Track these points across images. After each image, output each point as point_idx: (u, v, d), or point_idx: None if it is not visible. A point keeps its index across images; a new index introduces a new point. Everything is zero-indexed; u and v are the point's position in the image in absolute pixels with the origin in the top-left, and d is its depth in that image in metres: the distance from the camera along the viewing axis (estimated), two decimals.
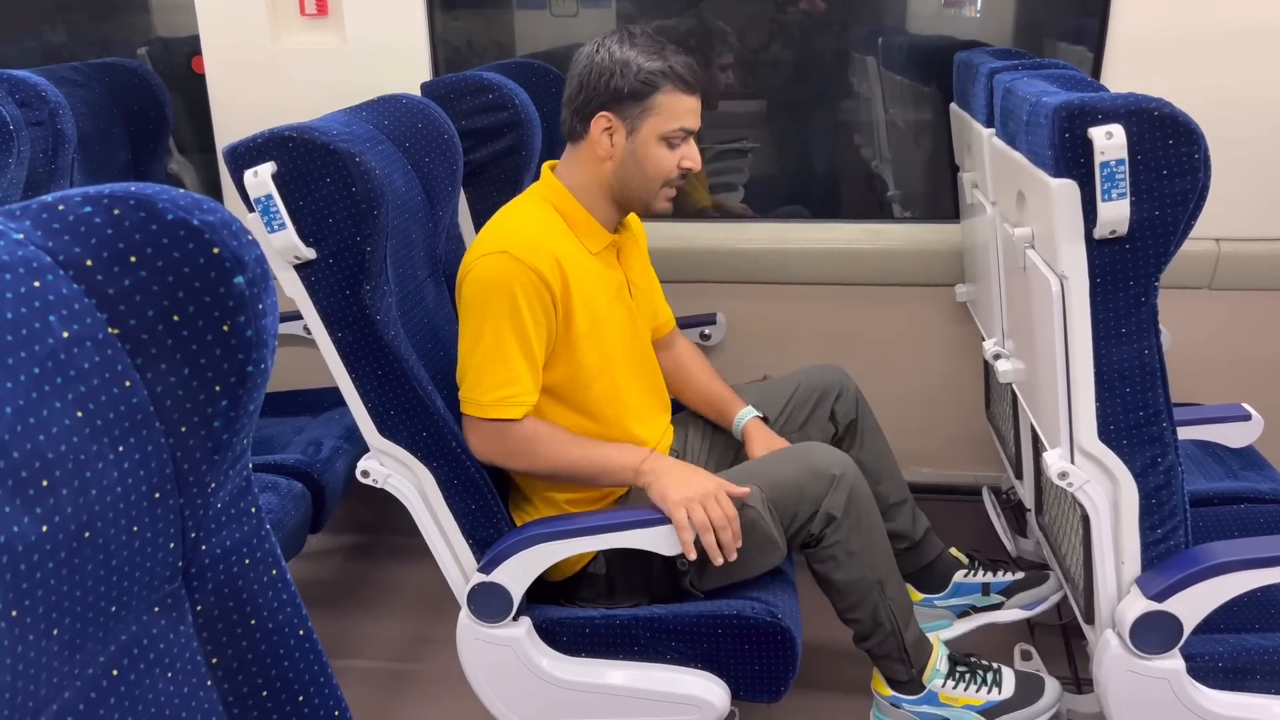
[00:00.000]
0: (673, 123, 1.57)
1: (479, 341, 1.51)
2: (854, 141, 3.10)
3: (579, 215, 1.62)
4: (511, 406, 1.52)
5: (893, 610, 1.62)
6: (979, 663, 1.73)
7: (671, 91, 1.55)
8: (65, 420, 0.66)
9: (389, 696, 2.10)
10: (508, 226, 1.56)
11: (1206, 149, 1.26)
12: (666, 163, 1.59)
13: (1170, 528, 1.42)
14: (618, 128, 1.57)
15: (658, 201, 1.63)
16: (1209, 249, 2.20)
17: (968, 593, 1.93)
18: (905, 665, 1.66)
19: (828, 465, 1.58)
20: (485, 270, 1.50)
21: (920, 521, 1.92)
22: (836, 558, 1.58)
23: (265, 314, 0.78)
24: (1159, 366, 1.36)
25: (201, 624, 0.81)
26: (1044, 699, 1.70)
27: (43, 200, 0.73)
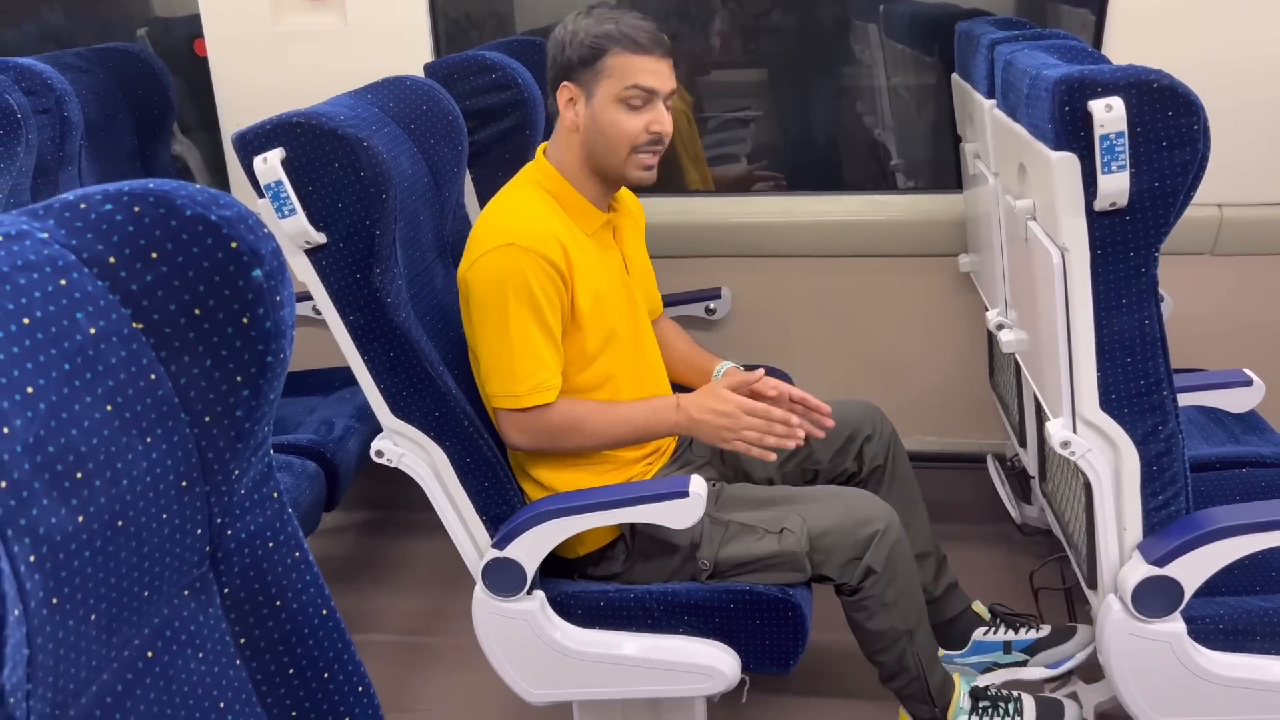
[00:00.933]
0: (625, 81, 1.55)
1: (505, 336, 1.52)
2: (856, 110, 3.10)
3: (570, 197, 1.63)
4: (545, 392, 1.55)
5: (919, 657, 1.66)
6: (1000, 693, 1.76)
7: (620, 53, 1.54)
8: (96, 414, 0.68)
9: (407, 669, 2.14)
10: (507, 217, 1.57)
11: (1206, 120, 1.27)
12: (628, 125, 1.56)
13: (1171, 494, 1.44)
14: (577, 96, 1.58)
15: (629, 169, 1.60)
16: (1211, 215, 2.21)
17: (988, 650, 1.91)
18: (929, 706, 1.70)
19: (871, 518, 1.59)
20: (495, 265, 1.51)
21: (944, 577, 1.90)
22: (870, 608, 1.61)
23: (283, 305, 0.80)
24: (1159, 336, 1.38)
25: (229, 605, 0.84)
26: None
27: (65, 199, 0.75)
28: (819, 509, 1.61)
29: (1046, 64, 1.40)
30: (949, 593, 1.90)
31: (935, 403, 2.47)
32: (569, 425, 1.57)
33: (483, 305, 1.54)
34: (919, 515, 1.88)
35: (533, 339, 1.53)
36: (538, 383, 1.54)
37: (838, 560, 1.59)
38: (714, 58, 2.83)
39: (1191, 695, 1.49)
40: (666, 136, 1.60)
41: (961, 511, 2.38)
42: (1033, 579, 2.10)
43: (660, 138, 1.59)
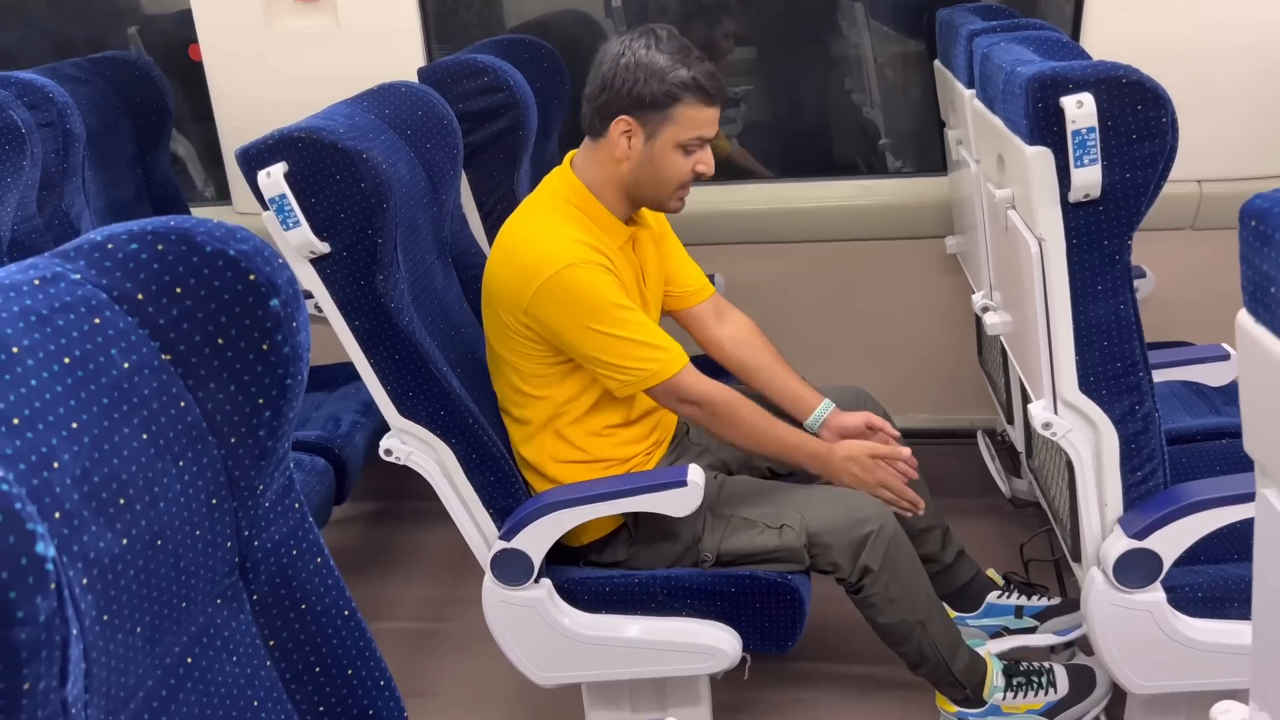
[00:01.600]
0: (691, 132, 1.60)
1: (610, 341, 1.58)
2: (845, 87, 3.14)
3: (599, 213, 1.67)
4: (676, 357, 1.61)
5: (937, 645, 1.72)
6: (1032, 667, 1.82)
7: (693, 103, 1.58)
8: (134, 443, 0.74)
9: (420, 655, 2.21)
10: (555, 241, 1.59)
11: (1174, 112, 1.32)
12: (682, 169, 1.63)
13: (1149, 470, 1.50)
14: (636, 131, 1.60)
15: (670, 203, 1.68)
16: (1191, 191, 2.26)
17: (1000, 614, 1.96)
18: (959, 688, 1.76)
19: (866, 518, 1.65)
20: (564, 290, 1.56)
21: (951, 545, 1.96)
22: (877, 605, 1.67)
23: (299, 330, 0.86)
24: (1134, 320, 1.43)
25: (258, 611, 0.90)
26: (1097, 690, 1.79)
27: (92, 240, 0.81)
28: (817, 508, 1.67)
29: (1021, 60, 1.45)
30: (958, 560, 1.97)
31: (926, 381, 2.53)
32: (727, 407, 1.64)
33: (570, 328, 1.58)
34: (921, 491, 1.92)
35: (635, 326, 1.59)
36: (664, 354, 1.60)
37: (835, 557, 1.65)
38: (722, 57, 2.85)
39: (1173, 661, 1.55)
40: (710, 175, 1.66)
41: (954, 486, 2.43)
42: (1023, 551, 2.17)
43: (704, 177, 1.65)
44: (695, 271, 1.93)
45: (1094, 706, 1.79)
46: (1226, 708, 0.95)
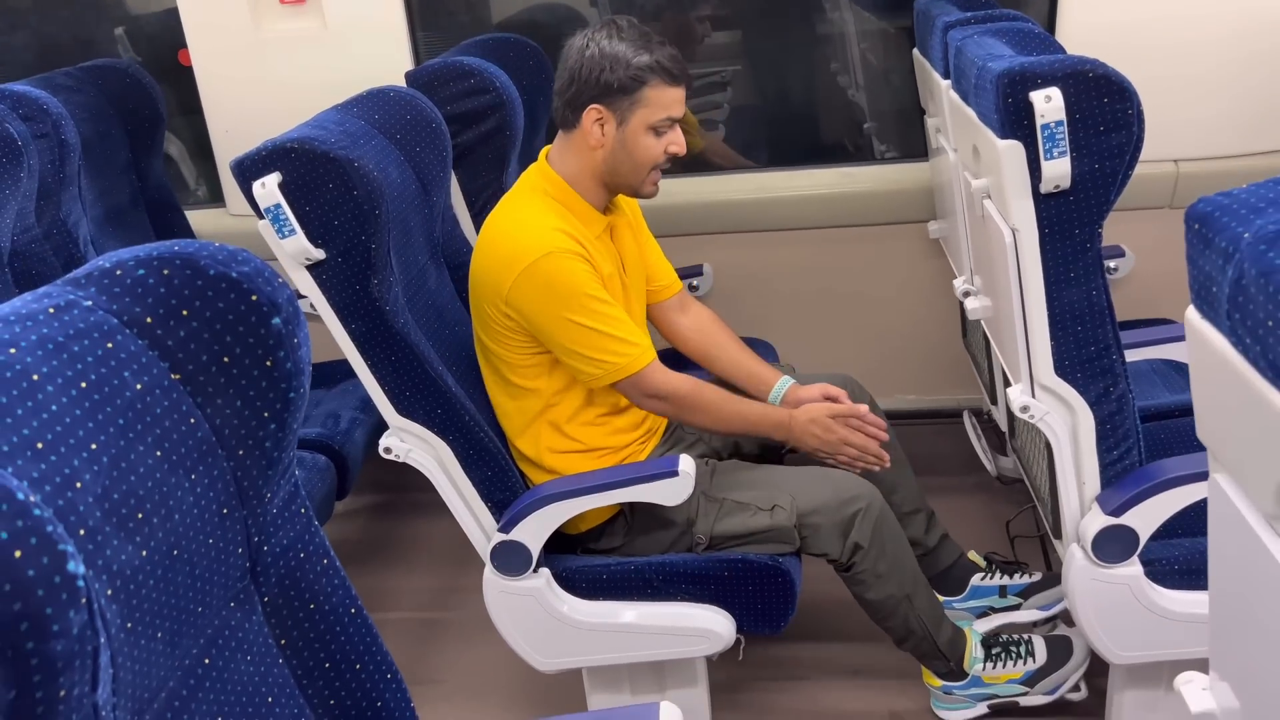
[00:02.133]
0: (660, 113, 1.66)
1: (581, 332, 1.63)
2: (830, 70, 3.16)
3: (576, 204, 1.72)
4: (644, 353, 1.67)
5: (922, 619, 1.78)
6: (1011, 639, 1.88)
7: (658, 85, 1.64)
8: (149, 460, 0.79)
9: (424, 645, 2.27)
10: (531, 230, 1.65)
11: (1139, 104, 1.36)
12: (654, 150, 1.68)
13: (1125, 449, 1.55)
14: (608, 119, 1.66)
15: (645, 185, 1.73)
16: (1168, 170, 2.30)
17: (985, 595, 2.02)
18: (943, 661, 1.83)
19: (855, 497, 1.71)
20: (540, 279, 1.61)
21: (935, 529, 2.01)
22: (866, 581, 1.73)
23: (300, 346, 0.90)
24: (1106, 305, 1.48)
25: (269, 612, 0.95)
26: (1075, 657, 1.86)
27: (101, 266, 0.85)
28: (807, 489, 1.72)
29: (992, 54, 1.49)
30: (942, 544, 2.02)
31: (913, 363, 2.58)
32: (691, 396, 1.70)
33: (544, 316, 1.63)
34: (906, 475, 1.99)
35: (606, 319, 1.64)
36: (632, 350, 1.66)
37: (825, 536, 1.70)
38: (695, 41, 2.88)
39: (1152, 632, 1.61)
40: (682, 155, 1.72)
41: (942, 465, 2.49)
42: (1009, 527, 2.22)
43: (676, 156, 1.71)
44: (667, 267, 2.00)
45: (1072, 673, 1.85)
46: (1189, 677, 1.00)
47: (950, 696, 1.86)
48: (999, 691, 1.85)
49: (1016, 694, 1.85)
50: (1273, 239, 0.69)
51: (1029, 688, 1.84)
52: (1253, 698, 0.89)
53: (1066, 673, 1.84)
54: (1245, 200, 0.76)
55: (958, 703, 1.87)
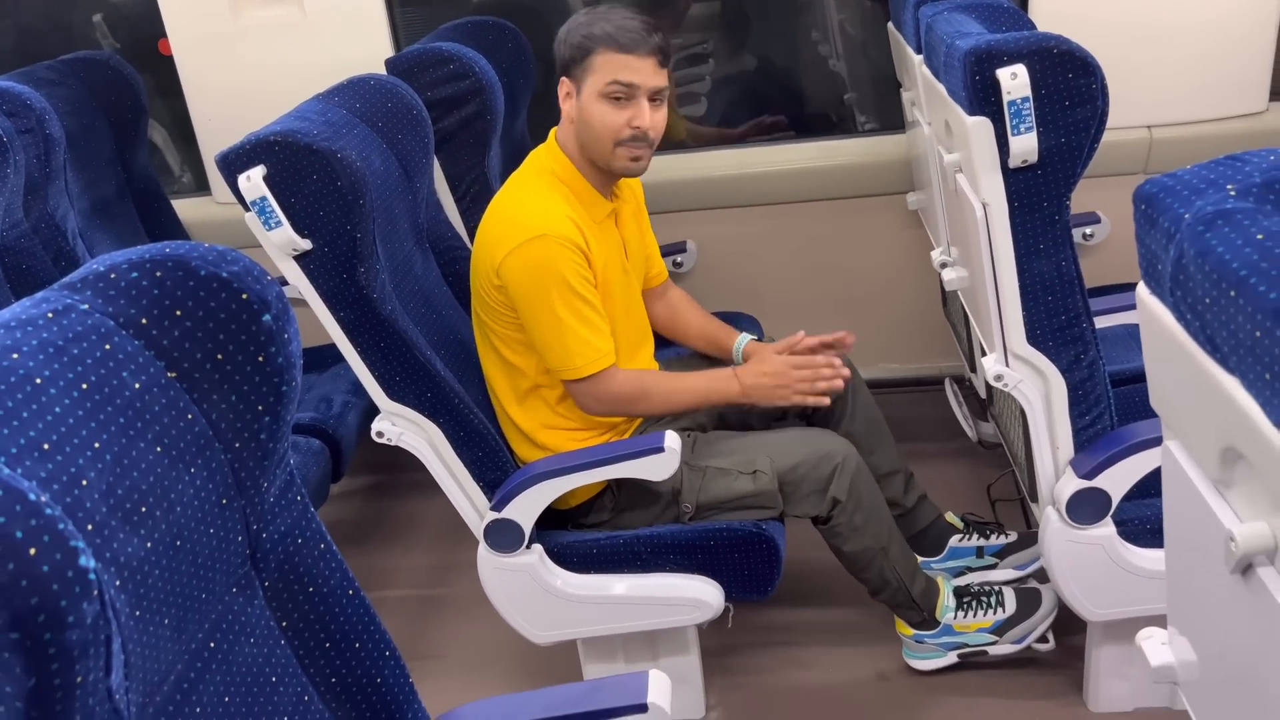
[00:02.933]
0: (606, 77, 1.66)
1: (554, 319, 1.66)
2: (811, 41, 3.18)
3: (580, 185, 1.76)
4: (601, 359, 1.70)
5: (897, 570, 1.84)
6: (982, 589, 1.94)
7: (605, 51, 1.66)
8: (149, 456, 0.82)
9: (422, 621, 2.32)
10: (532, 210, 1.69)
11: (1103, 78, 1.40)
12: (610, 119, 1.68)
13: (1096, 414, 1.60)
14: (571, 91, 1.71)
15: (615, 161, 1.73)
16: (1141, 136, 2.34)
17: (962, 556, 2.08)
18: (917, 610, 1.89)
19: (832, 453, 1.75)
20: (530, 257, 1.64)
21: (914, 490, 2.06)
22: (843, 534, 1.78)
23: (290, 341, 0.94)
24: (1075, 274, 1.52)
25: (270, 596, 0.99)
26: (1043, 607, 1.91)
27: (95, 270, 0.88)
28: (785, 449, 1.77)
29: (960, 32, 1.52)
30: (919, 505, 2.07)
31: (895, 332, 2.62)
32: (638, 393, 1.75)
33: (526, 296, 1.67)
34: (884, 437, 2.04)
35: (579, 316, 1.67)
36: (590, 353, 1.69)
37: (806, 492, 1.75)
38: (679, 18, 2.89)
39: (1126, 589, 1.66)
40: (651, 132, 1.70)
41: (925, 430, 2.54)
42: (990, 491, 2.28)
43: (643, 133, 1.69)
44: (659, 259, 2.05)
45: (1039, 624, 1.91)
46: (1149, 633, 1.05)
47: (922, 645, 1.93)
48: (969, 640, 1.91)
49: (986, 643, 1.91)
50: (1210, 220, 0.73)
51: (998, 637, 1.91)
52: (1208, 650, 0.94)
53: (1034, 623, 1.90)
54: (1188, 182, 0.79)
55: (929, 651, 1.93)
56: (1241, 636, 0.82)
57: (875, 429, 2.03)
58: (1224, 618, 0.84)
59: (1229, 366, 0.72)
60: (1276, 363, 0.64)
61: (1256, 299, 0.65)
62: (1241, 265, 0.67)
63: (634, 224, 1.91)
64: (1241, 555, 0.74)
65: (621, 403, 1.75)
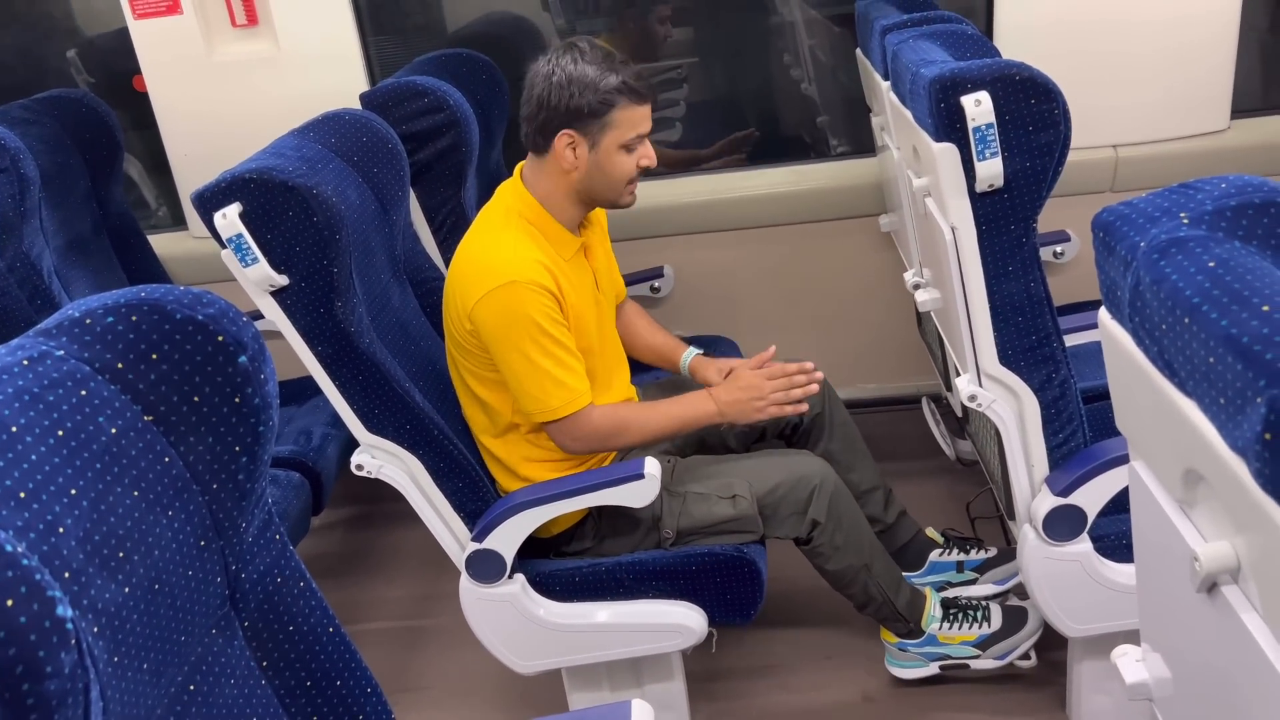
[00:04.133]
0: (630, 132, 1.70)
1: (527, 364, 1.67)
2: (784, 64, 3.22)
3: (548, 225, 1.76)
4: (577, 399, 1.70)
5: (881, 585, 1.85)
6: (969, 603, 1.96)
7: (627, 105, 1.68)
8: (126, 500, 0.83)
9: (406, 653, 2.31)
10: (500, 254, 1.69)
11: (1065, 104, 1.42)
12: (627, 166, 1.73)
13: (1069, 432, 1.62)
14: (579, 142, 1.70)
15: (623, 198, 1.78)
16: (1108, 156, 2.38)
17: (943, 570, 2.09)
18: (903, 622, 1.91)
19: (810, 476, 1.77)
20: (500, 304, 1.65)
21: (893, 506, 2.09)
22: (825, 554, 1.80)
23: (267, 381, 0.95)
24: (1044, 296, 1.54)
25: (250, 637, 0.99)
26: (1028, 626, 1.93)
27: (70, 315, 0.89)
28: (762, 473, 1.79)
29: (924, 60, 1.54)
30: (899, 521, 2.09)
31: (871, 352, 2.64)
32: (616, 428, 1.75)
33: (498, 341, 1.67)
34: (862, 454, 2.06)
35: (552, 358, 1.68)
36: (566, 395, 1.70)
37: (785, 514, 1.77)
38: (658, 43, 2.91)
39: (1104, 604, 1.68)
40: (654, 167, 1.77)
41: (903, 450, 2.56)
42: (969, 508, 2.29)
43: (649, 169, 1.76)
44: (619, 276, 2.07)
45: (1023, 641, 1.92)
46: (1124, 650, 1.07)
47: (905, 654, 1.94)
48: (951, 652, 1.93)
49: (968, 656, 1.93)
50: (1164, 248, 0.75)
51: (981, 651, 1.92)
52: (1181, 667, 0.96)
53: (1018, 640, 1.92)
54: (1143, 210, 0.81)
55: (911, 660, 1.95)
56: (1211, 654, 0.83)
57: (853, 446, 2.05)
58: (1193, 635, 0.86)
59: (1186, 390, 0.74)
60: (1230, 388, 0.65)
61: (1209, 326, 0.67)
62: (1194, 293, 0.69)
63: (602, 252, 1.93)
64: (1206, 575, 0.76)
65: (600, 439, 1.76)
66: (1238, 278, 0.68)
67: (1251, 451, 0.64)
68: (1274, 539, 0.65)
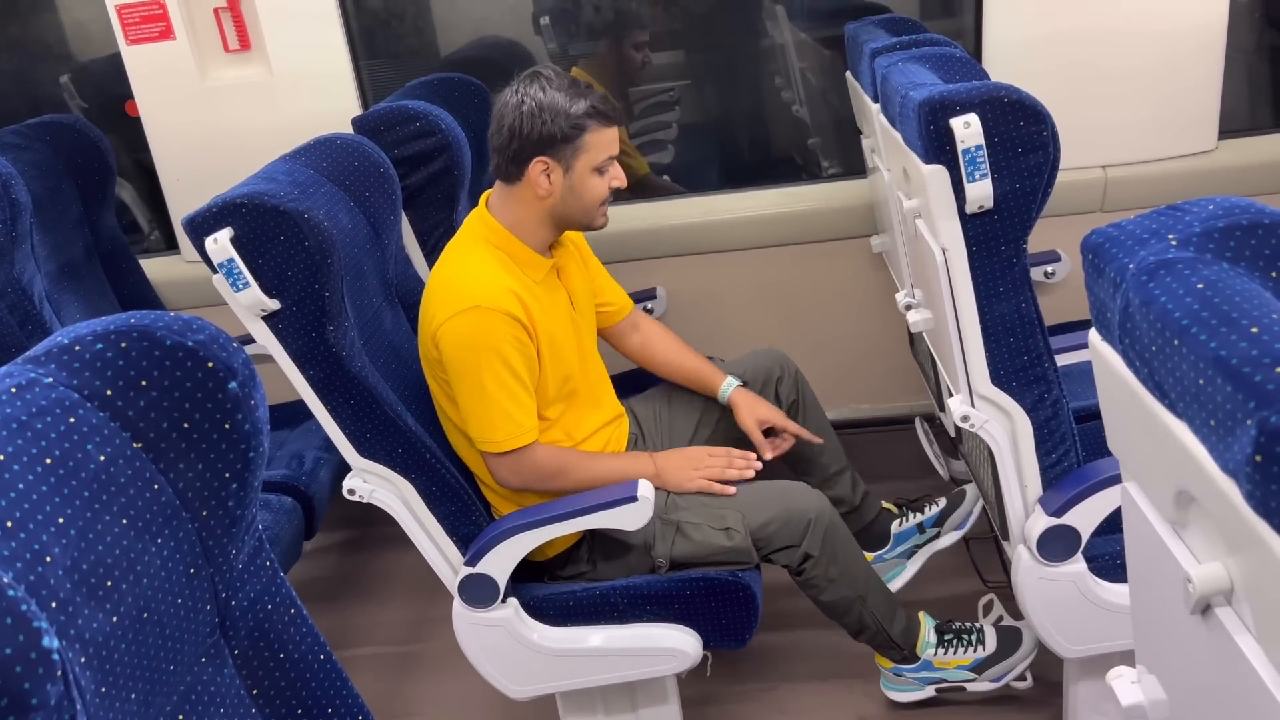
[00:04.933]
0: (602, 154, 1.73)
1: (480, 391, 1.67)
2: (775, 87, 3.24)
3: (519, 251, 1.77)
4: (522, 435, 1.71)
5: (876, 615, 1.86)
6: (963, 627, 1.96)
7: (597, 129, 1.71)
8: (115, 529, 0.82)
9: (399, 677, 2.29)
10: (466, 280, 1.70)
11: (1054, 126, 1.43)
12: (600, 189, 1.75)
13: (1062, 451, 1.62)
14: (554, 168, 1.72)
15: (597, 220, 1.80)
16: (1097, 176, 2.39)
17: (907, 538, 2.13)
18: (898, 650, 1.91)
19: (805, 510, 1.77)
20: (463, 328, 1.66)
21: (859, 486, 2.12)
22: (819, 585, 1.81)
23: (257, 407, 0.94)
24: (1035, 316, 1.54)
25: (240, 665, 0.98)
26: (1023, 647, 1.93)
27: (59, 343, 0.88)
28: (757, 504, 1.78)
29: (914, 83, 1.55)
30: (865, 501, 2.13)
31: (865, 373, 2.64)
32: (555, 471, 1.76)
33: (456, 365, 1.68)
34: (829, 435, 2.11)
35: (506, 390, 1.68)
36: (513, 429, 1.70)
37: (778, 546, 1.77)
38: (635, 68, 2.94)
39: (1099, 625, 1.68)
40: (624, 188, 1.80)
41: (898, 469, 2.56)
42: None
43: (619, 189, 1.78)
44: (617, 290, 2.07)
45: (1019, 663, 1.92)
46: (1119, 672, 1.06)
47: (900, 678, 1.94)
48: (947, 676, 1.93)
49: (964, 679, 1.92)
50: (1153, 270, 0.75)
51: (977, 674, 1.92)
52: (1176, 689, 0.95)
53: (1013, 662, 1.91)
54: (1131, 232, 0.82)
55: (906, 684, 1.94)
56: (1206, 675, 0.83)
57: (822, 429, 2.09)
58: (1188, 657, 0.86)
59: (1177, 412, 0.74)
60: (1220, 409, 0.65)
61: (1198, 348, 0.67)
62: (1183, 315, 0.70)
63: (578, 273, 1.93)
64: (1199, 597, 0.76)
65: (539, 478, 1.76)
66: (1226, 299, 0.69)
67: (1242, 473, 0.64)
68: (1266, 561, 0.65)
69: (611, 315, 2.05)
